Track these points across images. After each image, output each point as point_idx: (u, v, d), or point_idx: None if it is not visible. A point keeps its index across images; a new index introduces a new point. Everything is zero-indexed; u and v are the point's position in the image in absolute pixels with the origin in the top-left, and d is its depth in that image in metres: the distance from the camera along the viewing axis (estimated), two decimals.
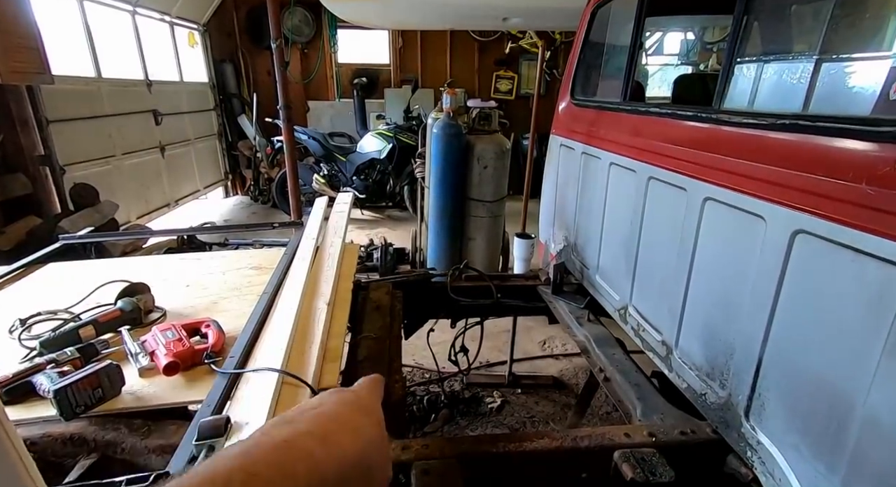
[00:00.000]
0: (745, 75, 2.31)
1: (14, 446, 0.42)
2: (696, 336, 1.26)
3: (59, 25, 3.87)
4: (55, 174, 3.52)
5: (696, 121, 1.31)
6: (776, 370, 0.99)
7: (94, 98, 4.22)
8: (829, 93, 1.89)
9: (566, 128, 2.19)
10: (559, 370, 2.81)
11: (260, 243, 2.77)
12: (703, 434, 1.17)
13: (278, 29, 2.74)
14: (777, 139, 1.01)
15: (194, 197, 6.02)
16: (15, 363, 1.02)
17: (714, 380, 1.18)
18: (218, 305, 1.37)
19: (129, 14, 4.82)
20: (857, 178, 0.81)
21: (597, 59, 2.15)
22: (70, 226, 2.96)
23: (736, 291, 1.10)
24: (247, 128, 6.78)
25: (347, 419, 0.34)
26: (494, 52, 7.22)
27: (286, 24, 6.50)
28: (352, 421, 0.34)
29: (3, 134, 3.18)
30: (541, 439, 1.12)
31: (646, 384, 1.42)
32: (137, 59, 4.97)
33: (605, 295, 1.79)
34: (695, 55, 5.54)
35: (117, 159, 4.48)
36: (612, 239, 1.75)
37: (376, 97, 7.15)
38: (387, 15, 3.94)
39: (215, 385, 0.94)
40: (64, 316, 1.26)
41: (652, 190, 1.47)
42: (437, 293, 1.98)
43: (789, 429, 0.95)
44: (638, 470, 1.03)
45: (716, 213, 1.17)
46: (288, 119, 2.91)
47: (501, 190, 3.29)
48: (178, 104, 5.66)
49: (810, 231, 0.89)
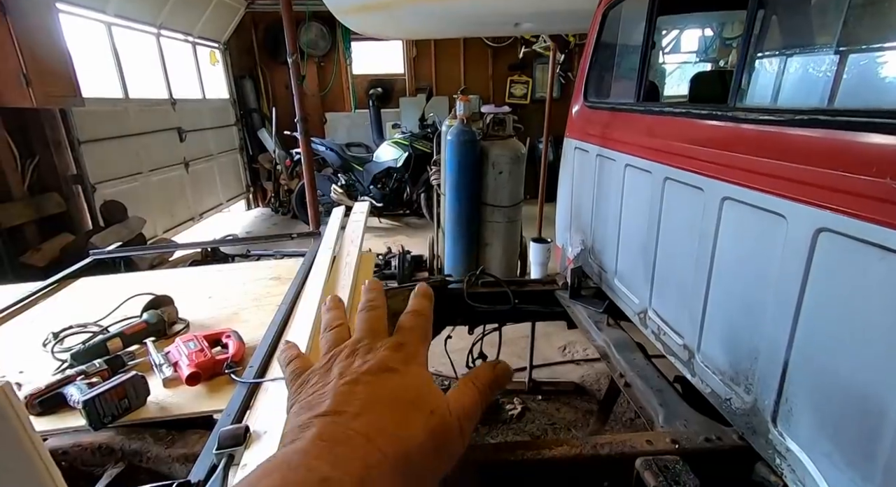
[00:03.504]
0: (766, 70, 2.26)
1: (41, 457, 0.44)
2: (719, 339, 1.23)
3: (88, 49, 4.06)
4: (87, 192, 3.67)
5: (711, 120, 1.28)
6: (803, 374, 0.95)
7: (122, 118, 4.40)
8: (855, 87, 1.83)
9: (580, 131, 2.17)
10: (580, 375, 2.76)
11: (280, 254, 2.82)
12: (728, 441, 1.13)
13: (294, 44, 2.81)
14: (796, 135, 0.99)
15: (217, 210, 6.19)
16: (48, 375, 1.07)
17: (739, 385, 1.14)
18: (239, 316, 1.40)
19: (153, 36, 5.02)
20: (883, 173, 0.78)
21: (609, 61, 2.13)
22: (100, 242, 3.08)
23: (758, 292, 1.06)
24: (266, 142, 6.95)
25: (387, 424, 0.28)
26: (508, 57, 7.23)
27: (302, 39, 6.66)
28: (392, 427, 0.28)
29: (39, 155, 3.34)
30: (560, 446, 1.11)
31: (668, 389, 1.38)
32: (162, 79, 5.16)
33: (624, 299, 1.76)
34: (713, 52, 5.42)
35: (144, 176, 4.65)
36: (629, 241, 1.73)
37: (392, 106, 7.24)
38: (399, 25, 3.99)
39: (235, 394, 0.96)
40: (93, 328, 1.31)
41: (668, 191, 1.44)
42: (453, 299, 1.98)
43: (820, 436, 0.91)
44: (661, 479, 1.01)
45: (735, 213, 1.14)
46: (305, 131, 2.97)
47: (517, 195, 3.28)
48: (200, 121, 5.85)
49: (834, 229, 0.86)
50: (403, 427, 0.28)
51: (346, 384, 0.30)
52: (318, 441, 0.26)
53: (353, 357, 0.33)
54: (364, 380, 0.30)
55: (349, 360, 0.32)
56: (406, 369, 0.32)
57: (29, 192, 3.28)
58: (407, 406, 0.29)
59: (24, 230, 3.18)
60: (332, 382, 0.31)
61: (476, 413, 0.33)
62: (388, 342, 0.34)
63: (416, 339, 0.35)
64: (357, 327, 0.36)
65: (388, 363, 0.32)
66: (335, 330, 0.38)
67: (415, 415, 0.29)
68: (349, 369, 0.31)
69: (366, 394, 0.29)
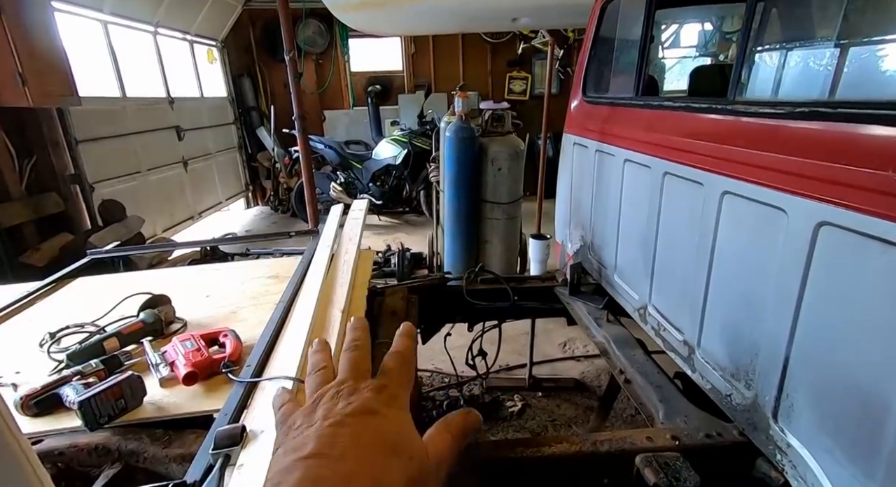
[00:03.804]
0: (766, 64, 2.24)
1: (29, 460, 0.44)
2: (719, 335, 1.22)
3: (85, 48, 4.04)
4: (85, 192, 3.66)
5: (711, 114, 1.27)
6: (804, 369, 0.94)
7: (120, 117, 4.38)
8: (856, 79, 1.82)
9: (579, 126, 2.16)
10: (581, 372, 2.76)
11: (279, 252, 2.81)
12: (729, 437, 1.13)
13: (292, 41, 2.79)
14: (797, 128, 0.98)
15: (217, 209, 6.18)
16: (44, 375, 1.06)
17: (739, 381, 1.13)
18: (236, 315, 1.40)
19: (150, 35, 5.00)
20: (885, 166, 0.77)
21: (608, 55, 2.11)
22: (99, 242, 3.08)
23: (758, 287, 1.06)
24: (265, 140, 6.93)
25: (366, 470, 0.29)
26: (507, 53, 7.20)
27: (300, 37, 6.63)
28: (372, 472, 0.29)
29: (37, 155, 3.33)
30: (560, 443, 1.10)
31: (668, 385, 1.38)
32: (159, 77, 5.14)
33: (624, 295, 1.76)
34: (713, 45, 5.39)
35: (143, 175, 4.64)
36: (629, 237, 1.72)
37: (390, 104, 7.22)
38: (397, 22, 3.97)
39: (232, 394, 0.95)
40: (90, 328, 1.31)
41: (668, 185, 1.43)
42: (453, 297, 1.97)
43: (821, 432, 0.90)
44: (661, 475, 1.00)
45: (735, 207, 1.14)
46: (303, 129, 2.96)
47: (517, 191, 3.27)
48: (199, 119, 5.83)
49: (835, 222, 0.85)
50: (384, 472, 0.29)
51: (329, 426, 0.31)
52: (303, 483, 0.27)
53: (336, 398, 0.34)
54: (347, 422, 0.31)
55: (333, 402, 0.33)
56: (387, 412, 0.33)
57: (27, 192, 3.27)
58: (387, 451, 0.30)
59: (22, 230, 3.17)
60: (315, 424, 0.32)
61: (451, 458, 0.34)
62: (371, 384, 0.35)
63: (399, 382, 0.36)
64: (341, 368, 0.37)
65: (371, 405, 0.33)
66: (320, 372, 0.39)
67: (395, 461, 0.30)
68: (332, 411, 0.32)
69: (349, 437, 0.30)
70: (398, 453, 0.30)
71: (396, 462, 0.30)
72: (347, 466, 0.28)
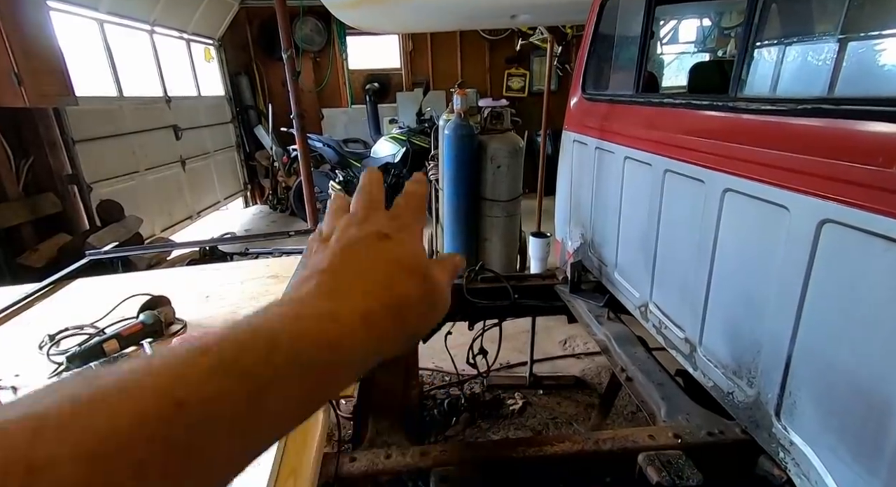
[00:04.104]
0: (765, 60, 2.23)
1: None
2: (721, 332, 1.22)
3: (81, 47, 4.02)
4: (83, 192, 3.64)
5: (712, 111, 1.27)
6: (807, 367, 0.94)
7: (117, 117, 4.36)
8: (860, 75, 1.81)
9: (579, 124, 2.15)
10: (581, 369, 2.76)
11: (279, 251, 2.81)
12: (731, 435, 1.13)
13: (289, 40, 2.78)
14: (799, 125, 0.97)
15: (215, 208, 6.16)
16: (44, 378, 1.06)
17: (741, 378, 1.13)
18: (236, 315, 1.38)
19: (147, 33, 4.97)
20: (888, 162, 0.77)
21: (608, 52, 2.11)
22: (97, 242, 3.07)
23: (760, 285, 1.05)
24: (263, 139, 6.91)
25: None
26: (505, 50, 7.18)
27: (297, 35, 6.60)
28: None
29: (33, 155, 3.31)
30: (562, 443, 1.10)
31: (670, 383, 1.37)
32: (157, 76, 5.12)
33: (625, 293, 1.75)
34: (712, 41, 5.38)
35: (140, 175, 4.62)
36: (629, 235, 1.71)
37: (389, 101, 7.20)
38: (395, 20, 3.95)
39: None
40: (90, 330, 1.30)
41: (669, 183, 1.43)
42: (453, 295, 1.96)
43: (824, 429, 0.90)
44: (664, 474, 1.00)
45: (736, 205, 1.13)
46: (301, 128, 2.95)
47: (516, 189, 3.26)
48: (196, 118, 5.81)
49: (838, 220, 0.85)
50: (399, 286, 0.30)
51: (342, 247, 0.32)
52: (321, 288, 0.28)
53: (349, 226, 0.34)
54: (360, 243, 0.32)
55: (346, 228, 0.34)
56: (400, 236, 0.33)
57: (24, 193, 3.26)
58: (401, 270, 0.31)
59: (20, 231, 3.15)
60: (330, 247, 0.32)
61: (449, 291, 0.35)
62: (383, 213, 0.36)
63: (410, 213, 0.37)
64: (353, 201, 0.37)
65: (383, 229, 0.33)
66: (334, 209, 0.39)
67: (409, 278, 0.31)
68: (345, 234, 0.33)
69: (363, 255, 0.31)
70: (412, 273, 0.31)
71: (411, 279, 0.30)
72: (362, 280, 0.29)
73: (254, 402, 0.21)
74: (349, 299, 0.27)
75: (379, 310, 0.28)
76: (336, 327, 0.25)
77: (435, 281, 0.32)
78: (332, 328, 0.25)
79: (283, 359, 0.22)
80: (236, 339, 0.22)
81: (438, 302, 0.32)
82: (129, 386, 0.19)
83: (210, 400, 0.20)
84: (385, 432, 1.14)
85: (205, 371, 0.20)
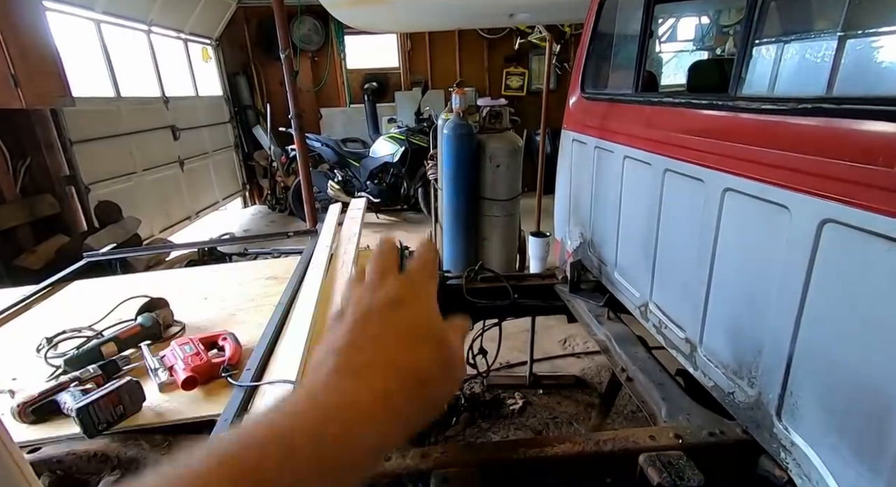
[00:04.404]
0: (763, 58, 2.23)
1: (21, 471, 0.42)
2: (722, 332, 1.21)
3: (77, 48, 4.00)
4: (80, 193, 3.63)
5: (712, 110, 1.26)
6: (808, 367, 0.94)
7: (114, 117, 4.34)
8: (857, 73, 1.80)
9: (578, 123, 2.15)
10: (581, 369, 2.76)
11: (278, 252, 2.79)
12: (732, 435, 1.12)
13: (287, 39, 2.77)
14: (799, 124, 0.97)
15: (214, 208, 6.15)
16: (42, 381, 1.05)
17: (742, 378, 1.13)
18: (235, 317, 1.38)
19: (144, 33, 4.96)
20: (890, 162, 0.76)
21: (606, 51, 2.10)
22: (95, 243, 3.05)
23: (761, 285, 1.05)
24: (262, 139, 6.90)
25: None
26: (503, 49, 7.16)
27: (295, 34, 6.58)
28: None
29: (31, 156, 3.30)
30: (562, 444, 1.09)
31: (670, 383, 1.37)
32: (154, 76, 5.10)
33: (625, 292, 1.75)
34: (710, 40, 5.38)
35: (138, 175, 4.61)
36: (629, 234, 1.71)
37: (387, 101, 7.18)
38: (393, 19, 3.94)
39: (232, 398, 0.94)
40: (87, 333, 1.29)
41: (668, 182, 1.42)
42: (452, 295, 1.97)
43: (826, 429, 0.90)
44: (665, 475, 1.00)
45: (736, 205, 1.13)
46: (300, 127, 2.94)
47: (515, 188, 3.25)
48: (194, 118, 5.79)
49: (839, 220, 0.84)
50: (416, 356, 0.30)
51: (356, 320, 0.32)
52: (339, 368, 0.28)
53: (363, 295, 0.34)
54: (376, 313, 0.32)
55: (360, 298, 0.34)
56: (415, 301, 0.33)
57: (21, 194, 3.24)
58: (417, 338, 0.31)
59: (17, 232, 3.14)
60: (346, 320, 0.32)
61: (465, 338, 0.36)
62: (397, 278, 0.36)
63: (424, 276, 0.37)
64: (367, 271, 0.37)
65: (398, 296, 0.33)
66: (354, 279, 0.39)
67: (425, 346, 0.31)
68: (360, 305, 0.33)
69: (379, 326, 0.31)
70: (428, 340, 0.31)
71: (427, 347, 0.30)
72: (380, 351, 0.29)
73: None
74: (368, 378, 0.27)
75: (399, 390, 0.27)
76: (356, 411, 0.25)
77: (450, 344, 0.32)
78: (351, 414, 0.25)
79: (303, 464, 0.22)
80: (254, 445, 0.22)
81: (455, 367, 0.32)
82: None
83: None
84: None
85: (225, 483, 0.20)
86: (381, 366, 0.28)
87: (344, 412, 0.25)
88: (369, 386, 0.27)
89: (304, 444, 0.23)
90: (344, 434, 0.24)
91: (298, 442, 0.22)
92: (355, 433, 0.24)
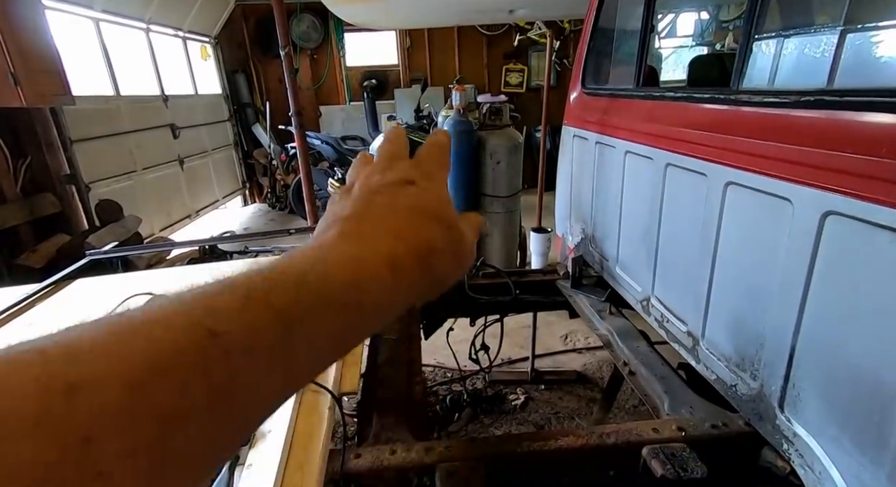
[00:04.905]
0: (763, 52, 2.23)
1: None
2: (724, 325, 1.22)
3: (77, 46, 3.99)
4: (81, 192, 3.63)
5: (714, 104, 1.26)
6: (811, 359, 0.94)
7: (114, 116, 4.34)
8: (859, 65, 1.80)
9: (578, 118, 2.14)
10: (582, 364, 2.76)
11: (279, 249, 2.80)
12: (735, 427, 1.13)
13: (286, 37, 2.76)
14: (801, 117, 0.97)
15: (214, 207, 6.15)
16: None
17: (744, 371, 1.13)
18: None
19: (143, 32, 4.94)
20: (892, 153, 0.77)
21: (607, 46, 2.10)
22: (96, 242, 3.06)
23: (763, 278, 1.05)
24: (261, 137, 6.89)
25: None
26: (503, 45, 7.14)
27: (294, 32, 6.57)
28: None
29: (31, 155, 3.30)
30: (566, 437, 1.10)
31: (672, 376, 1.38)
32: (153, 75, 5.09)
33: (627, 287, 1.75)
34: (710, 35, 5.37)
35: (138, 174, 4.61)
36: (631, 229, 1.71)
37: (387, 98, 7.17)
38: (392, 15, 3.93)
39: None
40: None
41: (670, 177, 1.42)
42: (454, 292, 1.97)
43: (828, 421, 0.90)
44: (668, 467, 1.00)
45: (739, 198, 1.13)
46: (300, 125, 2.94)
47: (516, 184, 3.26)
48: (194, 117, 5.78)
49: (841, 212, 0.85)
50: (425, 231, 0.29)
51: (365, 193, 0.31)
52: (344, 234, 0.27)
53: (373, 173, 0.33)
54: (384, 190, 0.31)
55: (370, 176, 0.33)
56: (425, 184, 0.32)
57: (22, 193, 3.24)
58: (427, 215, 0.30)
59: (18, 231, 3.14)
60: (353, 194, 0.31)
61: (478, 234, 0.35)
62: (407, 161, 0.35)
63: (434, 162, 0.35)
64: (377, 154, 0.36)
65: (407, 176, 0.32)
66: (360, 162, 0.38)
67: (435, 224, 0.30)
68: (368, 181, 0.32)
69: (387, 201, 0.30)
70: (439, 220, 0.30)
71: (437, 225, 0.29)
72: (387, 223, 0.28)
73: (287, 337, 0.20)
74: (374, 244, 0.26)
75: (405, 255, 0.27)
76: (362, 271, 0.25)
77: (461, 230, 0.31)
78: (357, 272, 0.24)
79: (312, 298, 0.22)
80: (265, 277, 0.22)
81: (464, 253, 0.31)
82: (160, 317, 0.18)
83: (243, 332, 0.19)
84: (389, 428, 1.14)
85: (236, 304, 0.20)
86: (388, 234, 0.27)
87: (349, 268, 0.24)
88: (374, 250, 0.26)
89: (313, 283, 0.22)
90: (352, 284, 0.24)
91: (307, 281, 0.22)
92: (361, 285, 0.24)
